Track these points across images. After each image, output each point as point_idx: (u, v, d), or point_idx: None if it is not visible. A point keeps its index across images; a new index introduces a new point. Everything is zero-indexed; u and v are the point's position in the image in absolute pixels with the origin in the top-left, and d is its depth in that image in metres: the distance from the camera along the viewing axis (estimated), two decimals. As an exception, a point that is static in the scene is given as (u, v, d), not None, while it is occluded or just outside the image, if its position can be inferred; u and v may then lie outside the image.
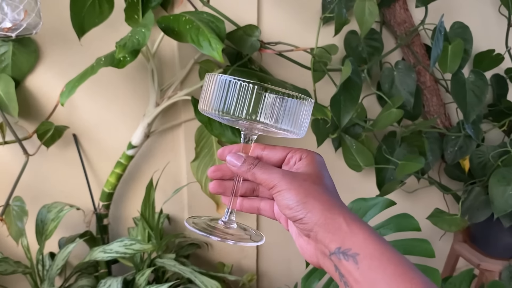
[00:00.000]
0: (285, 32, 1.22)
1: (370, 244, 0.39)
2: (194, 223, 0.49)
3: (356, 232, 0.40)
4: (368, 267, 0.38)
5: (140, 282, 1.07)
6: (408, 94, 1.26)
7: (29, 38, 1.03)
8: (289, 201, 0.43)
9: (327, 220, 0.41)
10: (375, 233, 0.40)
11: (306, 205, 0.42)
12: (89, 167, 1.20)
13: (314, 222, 0.41)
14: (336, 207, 0.42)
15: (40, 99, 1.10)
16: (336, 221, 0.41)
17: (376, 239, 0.39)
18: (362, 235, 0.40)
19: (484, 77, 1.29)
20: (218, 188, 0.51)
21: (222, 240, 0.47)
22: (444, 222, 1.32)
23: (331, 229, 0.41)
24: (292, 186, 0.43)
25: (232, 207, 0.50)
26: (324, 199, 0.42)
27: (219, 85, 0.44)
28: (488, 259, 1.45)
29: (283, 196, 0.43)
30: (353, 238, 0.39)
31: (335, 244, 0.40)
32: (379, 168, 1.32)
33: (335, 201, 0.43)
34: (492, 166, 1.32)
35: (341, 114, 1.06)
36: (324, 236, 0.41)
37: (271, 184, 0.44)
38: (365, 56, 1.27)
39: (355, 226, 0.40)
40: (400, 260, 0.38)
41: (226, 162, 0.48)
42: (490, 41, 1.46)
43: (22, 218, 0.99)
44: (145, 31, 0.84)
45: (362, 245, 0.39)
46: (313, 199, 0.42)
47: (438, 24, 1.14)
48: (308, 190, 0.43)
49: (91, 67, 0.91)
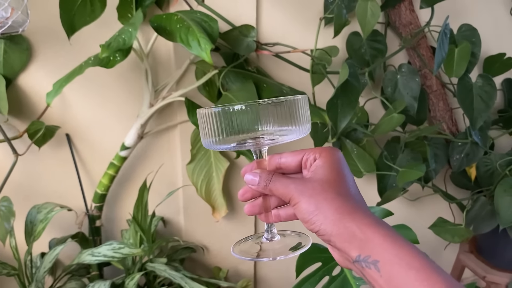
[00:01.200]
0: (285, 33, 1.19)
1: (388, 248, 0.38)
2: (241, 251, 0.49)
3: (371, 237, 0.39)
4: (389, 274, 0.37)
5: (129, 286, 1.05)
6: (412, 99, 1.22)
7: (21, 36, 1.02)
8: (304, 215, 0.42)
9: (340, 229, 0.40)
10: (392, 232, 0.39)
11: (318, 216, 0.41)
12: (82, 167, 1.18)
13: (329, 233, 0.41)
14: (347, 214, 0.40)
15: (32, 98, 1.08)
16: (349, 229, 0.40)
17: (393, 242, 0.38)
18: (378, 240, 0.38)
19: (492, 82, 1.24)
20: (253, 210, 0.50)
21: (273, 259, 0.47)
22: (447, 232, 1.27)
23: (346, 238, 0.40)
24: (303, 198, 0.42)
25: (268, 222, 0.50)
26: (335, 206, 0.41)
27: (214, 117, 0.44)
28: (495, 271, 1.39)
29: (298, 210, 0.43)
30: (370, 245, 0.39)
31: (355, 252, 0.39)
32: (380, 175, 1.27)
33: (346, 206, 0.41)
34: (499, 175, 1.26)
35: (338, 118, 1.02)
36: (343, 246, 0.40)
37: (287, 197, 0.44)
38: (368, 59, 1.23)
39: (370, 231, 0.39)
40: (421, 263, 0.37)
41: (246, 182, 0.48)
42: (501, 44, 1.41)
43: (9, 219, 0.97)
44: (132, 30, 0.82)
45: (380, 250, 0.38)
46: (324, 209, 0.41)
47: (443, 26, 1.10)
48: (318, 199, 0.42)
49: (79, 67, 0.89)
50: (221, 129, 0.45)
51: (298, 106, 0.46)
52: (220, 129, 0.45)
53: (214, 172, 1.23)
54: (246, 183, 0.47)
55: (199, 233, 1.35)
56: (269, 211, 0.49)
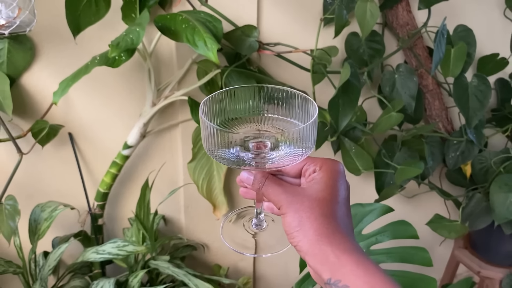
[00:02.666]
0: (285, 33, 1.21)
1: (360, 275, 0.38)
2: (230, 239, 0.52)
3: (344, 263, 0.39)
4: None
5: (133, 283, 1.06)
6: (410, 98, 1.24)
7: (25, 36, 1.02)
8: (286, 227, 0.43)
9: (315, 250, 0.41)
10: (365, 260, 0.40)
11: (298, 233, 0.42)
12: (85, 166, 1.19)
13: (305, 251, 0.41)
14: (326, 237, 0.41)
15: (35, 98, 1.09)
16: (324, 252, 0.40)
17: (365, 269, 0.39)
18: (350, 267, 0.39)
19: (487, 82, 1.27)
20: (246, 195, 0.52)
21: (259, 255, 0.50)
22: (443, 228, 1.30)
23: (319, 260, 0.40)
24: (290, 211, 0.43)
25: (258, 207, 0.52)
26: (316, 226, 0.41)
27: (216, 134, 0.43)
28: (489, 267, 1.43)
29: (283, 220, 0.43)
30: (342, 270, 0.39)
31: (326, 275, 0.40)
32: (378, 172, 1.30)
33: (327, 228, 0.42)
34: (494, 172, 1.29)
35: (339, 117, 1.04)
36: (315, 267, 0.41)
37: (278, 205, 0.45)
38: (366, 59, 1.25)
39: (344, 257, 0.40)
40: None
41: (241, 180, 0.49)
42: (495, 45, 1.44)
43: (14, 218, 0.98)
44: (139, 30, 0.83)
45: (352, 277, 0.38)
46: (305, 227, 0.42)
47: (440, 27, 1.12)
48: (302, 216, 0.42)
49: (85, 66, 0.90)
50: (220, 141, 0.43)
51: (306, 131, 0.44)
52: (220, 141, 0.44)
53: (215, 171, 1.25)
54: (242, 179, 0.48)
55: (199, 231, 1.36)
56: (260, 202, 0.51)
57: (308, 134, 0.44)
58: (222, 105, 0.48)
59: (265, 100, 0.49)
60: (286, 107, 0.48)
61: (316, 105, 0.45)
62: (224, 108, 0.48)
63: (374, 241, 0.96)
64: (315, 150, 1.21)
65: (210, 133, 0.43)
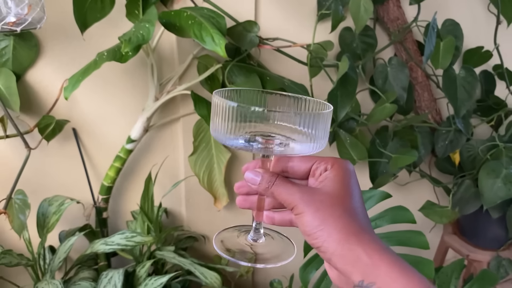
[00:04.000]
0: (281, 28, 1.25)
1: (396, 278, 0.36)
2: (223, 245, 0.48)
3: (378, 264, 0.37)
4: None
5: (141, 273, 1.09)
6: (401, 90, 1.30)
7: (29, 33, 1.04)
8: (306, 227, 0.40)
9: (344, 250, 0.38)
10: (399, 260, 0.37)
11: (322, 232, 0.39)
12: (89, 161, 1.21)
13: (331, 252, 0.38)
14: (354, 235, 0.38)
15: (40, 94, 1.11)
16: (355, 252, 0.37)
17: (401, 271, 0.36)
18: (385, 267, 0.36)
19: (474, 73, 1.33)
20: (244, 204, 0.49)
21: (252, 265, 0.46)
22: (435, 214, 1.36)
23: (350, 261, 0.37)
24: (309, 210, 0.40)
25: (259, 220, 0.49)
26: (342, 224, 0.39)
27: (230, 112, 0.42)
28: (477, 250, 1.50)
29: (301, 221, 0.40)
30: (376, 271, 0.36)
31: (357, 277, 0.37)
32: (372, 162, 1.35)
33: (354, 226, 0.39)
34: (481, 160, 1.36)
35: (338, 108, 1.09)
36: (344, 268, 0.38)
37: (291, 206, 0.42)
38: (359, 53, 1.30)
39: (377, 257, 0.37)
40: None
41: (245, 180, 0.46)
42: (479, 38, 1.50)
43: (24, 211, 0.99)
44: (149, 26, 0.86)
45: (387, 279, 0.36)
46: (329, 225, 0.39)
47: (432, 21, 1.18)
48: (324, 214, 0.39)
49: (94, 62, 0.92)
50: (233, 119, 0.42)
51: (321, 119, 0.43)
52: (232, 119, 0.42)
53: (215, 163, 1.28)
54: (246, 181, 0.45)
55: (200, 223, 1.39)
56: (261, 210, 0.48)
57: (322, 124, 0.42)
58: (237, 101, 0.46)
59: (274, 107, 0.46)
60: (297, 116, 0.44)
61: (331, 111, 0.44)
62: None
63: (374, 226, 1.00)
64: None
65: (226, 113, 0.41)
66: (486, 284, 1.09)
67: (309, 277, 0.99)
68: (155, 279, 1.04)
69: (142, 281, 1.06)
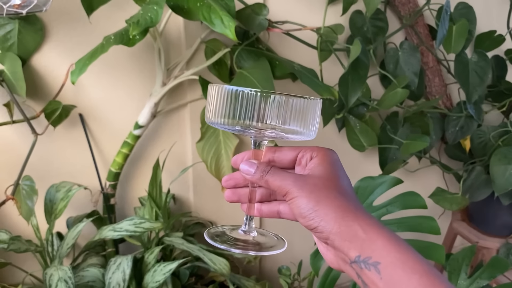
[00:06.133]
0: (291, 11, 1.22)
1: (391, 251, 0.37)
2: (214, 236, 0.48)
3: (375, 238, 0.38)
4: (391, 277, 0.36)
5: (149, 260, 1.08)
6: (413, 74, 1.27)
7: (35, 16, 1.02)
8: (302, 210, 0.41)
9: (342, 227, 0.39)
10: (394, 236, 0.39)
11: (318, 212, 0.40)
12: (96, 147, 1.20)
13: (329, 230, 0.40)
14: (350, 213, 0.40)
15: (46, 78, 1.09)
16: (352, 228, 0.39)
17: (396, 245, 0.38)
18: (381, 242, 0.38)
19: (487, 58, 1.30)
20: (232, 197, 0.50)
21: (243, 252, 0.47)
22: (445, 200, 1.35)
23: (348, 237, 0.39)
24: (303, 193, 0.41)
25: (250, 214, 0.50)
26: (337, 204, 0.40)
27: (225, 96, 0.44)
28: (486, 237, 1.49)
29: (295, 204, 0.42)
30: (372, 246, 0.38)
31: (354, 252, 0.38)
32: (382, 148, 1.34)
33: (349, 206, 0.41)
34: (492, 146, 1.34)
35: (349, 93, 1.07)
36: (342, 245, 0.39)
37: (284, 191, 0.43)
38: (370, 36, 1.27)
39: (373, 232, 0.38)
40: (424, 268, 0.36)
41: (240, 171, 0.47)
42: (491, 22, 1.47)
43: (32, 197, 0.99)
44: (157, 8, 0.84)
45: (383, 253, 0.37)
46: (325, 206, 0.40)
47: (445, 4, 1.15)
48: (319, 196, 0.41)
49: (101, 45, 0.91)
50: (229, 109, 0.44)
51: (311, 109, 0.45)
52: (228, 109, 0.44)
53: (223, 149, 1.27)
54: (241, 171, 0.46)
55: (207, 209, 1.39)
56: (253, 202, 0.49)
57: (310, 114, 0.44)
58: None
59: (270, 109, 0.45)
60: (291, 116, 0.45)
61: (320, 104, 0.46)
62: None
63: (385, 212, 0.99)
64: (323, 127, 1.24)
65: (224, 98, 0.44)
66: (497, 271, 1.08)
67: (320, 263, 0.98)
68: (164, 265, 1.03)
69: (151, 267, 1.05)
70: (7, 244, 0.96)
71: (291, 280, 1.28)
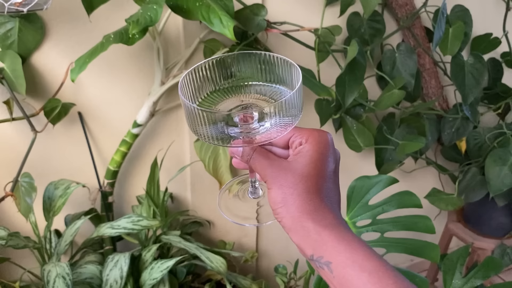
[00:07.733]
0: (289, 12, 1.23)
1: (342, 251, 0.38)
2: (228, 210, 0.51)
3: (326, 239, 0.39)
4: (342, 276, 0.38)
5: (146, 257, 1.09)
6: (409, 76, 1.28)
7: (35, 15, 1.03)
8: (271, 203, 0.42)
9: (297, 226, 0.41)
10: (347, 235, 0.40)
11: (282, 209, 0.42)
12: (94, 145, 1.21)
13: (288, 228, 0.41)
14: (307, 213, 0.41)
15: (46, 76, 1.10)
16: (305, 228, 0.40)
17: (347, 245, 0.39)
18: (331, 242, 0.39)
19: (483, 60, 1.32)
20: (239, 165, 0.51)
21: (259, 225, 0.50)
22: (441, 201, 1.36)
23: (301, 236, 0.40)
24: (274, 186, 0.42)
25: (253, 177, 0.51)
26: (299, 203, 0.41)
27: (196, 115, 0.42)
28: (481, 238, 1.50)
29: (269, 195, 0.43)
30: (324, 246, 0.39)
31: (309, 251, 0.40)
32: (378, 149, 1.35)
33: (309, 204, 0.41)
34: (488, 148, 1.35)
35: (346, 94, 1.08)
36: (298, 243, 0.41)
37: (264, 180, 0.44)
38: (367, 38, 1.29)
39: (325, 233, 0.40)
40: (374, 266, 0.38)
41: (230, 152, 0.48)
42: (488, 25, 1.48)
43: (31, 194, 0.99)
44: (157, 7, 0.85)
45: (333, 252, 0.39)
46: (288, 203, 0.41)
47: (442, 6, 1.16)
48: (286, 193, 0.42)
49: (101, 44, 0.91)
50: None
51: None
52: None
53: (220, 149, 1.27)
54: (232, 151, 0.48)
55: (205, 208, 1.39)
56: (253, 172, 0.50)
57: (295, 101, 0.42)
58: (202, 79, 0.47)
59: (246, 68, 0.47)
60: (269, 73, 0.46)
61: (299, 69, 0.44)
62: (204, 82, 0.48)
63: (381, 211, 1.00)
64: (320, 127, 1.25)
65: (192, 113, 0.41)
66: (491, 271, 1.09)
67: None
68: (161, 263, 1.04)
69: (148, 265, 1.06)
70: (5, 240, 0.97)
71: (288, 279, 1.29)
